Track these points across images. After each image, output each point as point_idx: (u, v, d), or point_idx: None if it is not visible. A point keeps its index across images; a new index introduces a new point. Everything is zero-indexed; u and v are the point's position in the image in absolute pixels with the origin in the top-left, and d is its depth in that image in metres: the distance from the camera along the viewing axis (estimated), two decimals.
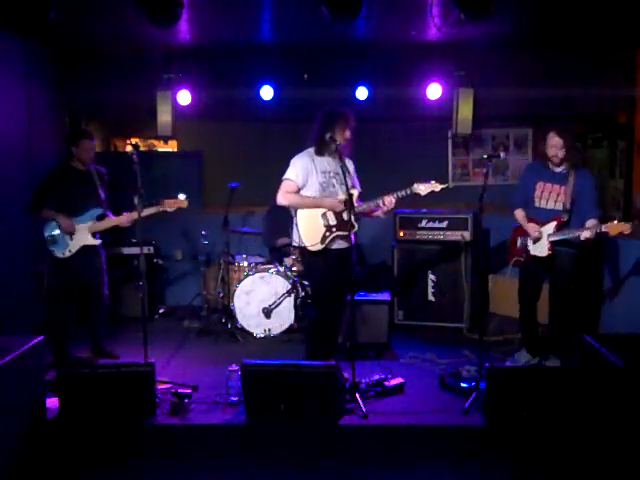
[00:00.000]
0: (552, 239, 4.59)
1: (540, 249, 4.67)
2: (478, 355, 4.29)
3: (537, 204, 4.75)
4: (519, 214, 4.82)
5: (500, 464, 3.64)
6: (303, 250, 4.47)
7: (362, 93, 6.26)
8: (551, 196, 4.69)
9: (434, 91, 6.19)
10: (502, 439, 3.72)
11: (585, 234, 4.40)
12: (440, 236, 6.02)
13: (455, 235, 5.95)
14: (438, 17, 5.04)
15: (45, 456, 3.62)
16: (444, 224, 6.01)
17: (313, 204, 4.41)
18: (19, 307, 5.10)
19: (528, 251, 4.75)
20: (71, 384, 3.85)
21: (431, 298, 6.01)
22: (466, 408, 3.95)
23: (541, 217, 4.69)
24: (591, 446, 3.57)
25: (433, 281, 6.01)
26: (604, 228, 4.33)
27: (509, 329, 5.70)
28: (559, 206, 4.65)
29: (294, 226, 4.47)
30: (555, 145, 4.59)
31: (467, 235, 5.92)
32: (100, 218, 4.94)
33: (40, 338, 3.78)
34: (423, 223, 6.07)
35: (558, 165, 4.67)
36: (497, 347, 5.38)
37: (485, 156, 4.50)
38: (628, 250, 5.26)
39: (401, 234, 6.13)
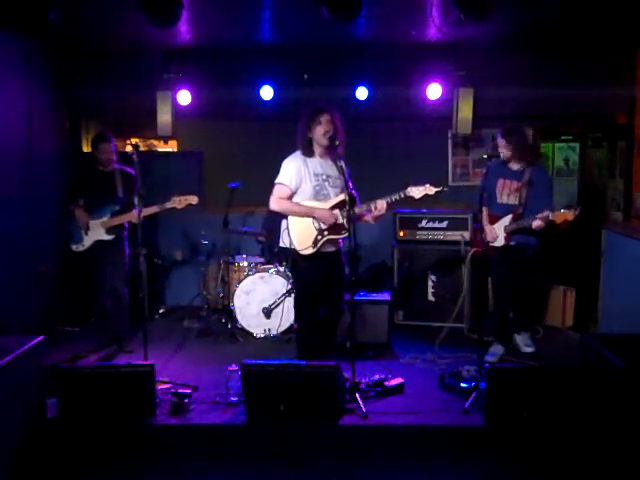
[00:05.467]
0: (508, 230, 4.93)
1: (498, 240, 5.02)
2: (478, 355, 4.29)
3: (499, 200, 5.07)
4: (483, 213, 5.10)
5: (500, 464, 3.65)
6: (292, 253, 4.47)
7: (362, 93, 6.25)
8: (510, 192, 5.03)
9: (434, 91, 6.18)
10: (502, 439, 3.72)
11: (536, 223, 4.71)
12: (440, 236, 6.03)
13: (455, 235, 5.95)
14: (438, 17, 5.04)
15: (45, 456, 3.62)
16: (444, 224, 6.02)
17: (305, 213, 4.40)
18: (19, 307, 5.10)
19: (487, 243, 4.98)
20: (71, 384, 3.85)
21: (431, 298, 6.01)
22: (466, 408, 3.95)
23: (501, 212, 5.02)
24: (591, 446, 3.57)
25: (433, 281, 6.01)
26: (551, 217, 4.64)
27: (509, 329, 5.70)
28: (515, 201, 5.00)
29: (284, 229, 4.47)
30: (499, 145, 5.00)
31: (467, 235, 5.92)
32: (114, 214, 5.15)
33: (40, 338, 3.78)
34: (423, 223, 6.07)
35: (513, 163, 5.02)
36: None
37: (485, 156, 4.55)
38: (627, 250, 5.26)
39: (401, 234, 6.14)
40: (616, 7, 4.85)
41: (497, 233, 5.00)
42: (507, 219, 4.99)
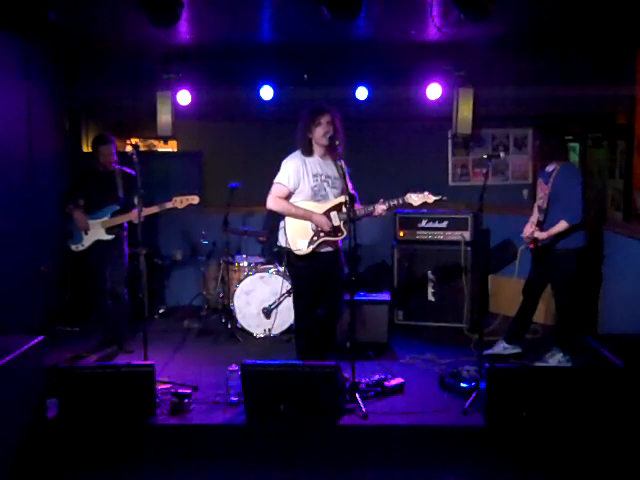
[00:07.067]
0: (533, 236, 4.82)
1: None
2: (478, 355, 4.29)
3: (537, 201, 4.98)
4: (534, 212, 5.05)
5: (500, 464, 3.65)
6: (289, 253, 4.47)
7: (362, 93, 6.26)
8: (541, 194, 4.90)
9: (434, 91, 6.19)
10: (502, 439, 3.72)
11: (541, 235, 4.74)
12: (440, 236, 6.03)
13: (455, 235, 5.95)
14: (438, 17, 5.04)
15: (45, 456, 3.63)
16: (444, 224, 6.02)
17: (302, 216, 4.37)
18: (19, 307, 5.10)
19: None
20: (71, 384, 3.85)
21: (431, 298, 6.01)
22: (466, 408, 3.95)
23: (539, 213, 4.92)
24: (591, 446, 3.57)
25: (433, 281, 6.01)
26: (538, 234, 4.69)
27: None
28: (541, 204, 4.87)
29: (282, 228, 4.47)
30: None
31: (467, 235, 5.92)
32: (114, 214, 5.15)
33: (40, 338, 3.78)
34: (423, 223, 6.06)
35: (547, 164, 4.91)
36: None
37: (485, 156, 4.53)
38: (628, 250, 5.26)
39: (401, 234, 6.13)
40: (616, 7, 4.85)
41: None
42: (532, 225, 4.90)
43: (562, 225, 4.67)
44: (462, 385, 4.27)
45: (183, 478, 3.62)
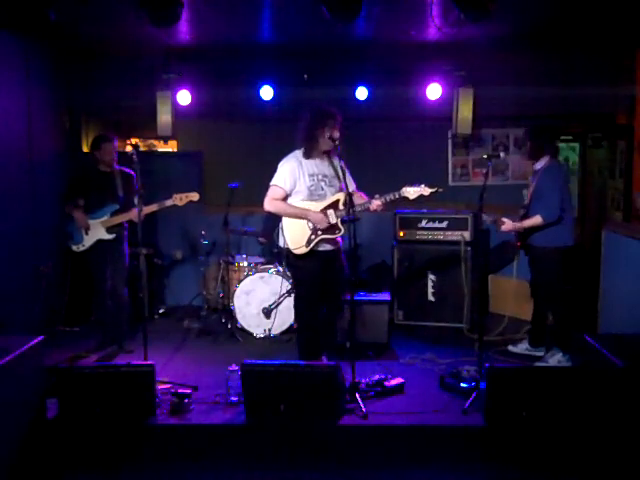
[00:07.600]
0: (500, 219, 4.94)
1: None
2: (478, 355, 4.29)
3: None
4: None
5: (500, 464, 3.65)
6: (288, 253, 4.47)
7: (362, 93, 6.26)
8: (527, 194, 5.00)
9: (434, 91, 6.19)
10: (502, 439, 3.72)
11: (508, 225, 4.87)
12: (440, 236, 6.02)
13: (455, 235, 5.94)
14: (438, 17, 5.04)
15: (45, 456, 3.62)
16: (444, 224, 6.01)
17: (298, 215, 4.39)
18: (19, 307, 5.10)
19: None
20: (71, 384, 3.85)
21: (431, 298, 6.01)
22: (466, 408, 3.95)
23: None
24: (591, 446, 3.57)
25: (433, 281, 6.01)
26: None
27: (509, 329, 5.72)
28: (525, 200, 4.99)
29: (280, 229, 4.48)
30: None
31: (467, 235, 5.92)
32: (114, 214, 5.15)
33: (40, 338, 3.77)
34: (423, 223, 6.06)
35: (536, 162, 4.96)
36: (497, 347, 5.38)
37: (485, 156, 4.56)
38: (628, 250, 5.25)
39: (401, 234, 6.13)
40: (616, 7, 4.85)
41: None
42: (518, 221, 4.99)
43: (536, 220, 4.73)
44: (462, 385, 4.28)
45: (183, 478, 3.62)
